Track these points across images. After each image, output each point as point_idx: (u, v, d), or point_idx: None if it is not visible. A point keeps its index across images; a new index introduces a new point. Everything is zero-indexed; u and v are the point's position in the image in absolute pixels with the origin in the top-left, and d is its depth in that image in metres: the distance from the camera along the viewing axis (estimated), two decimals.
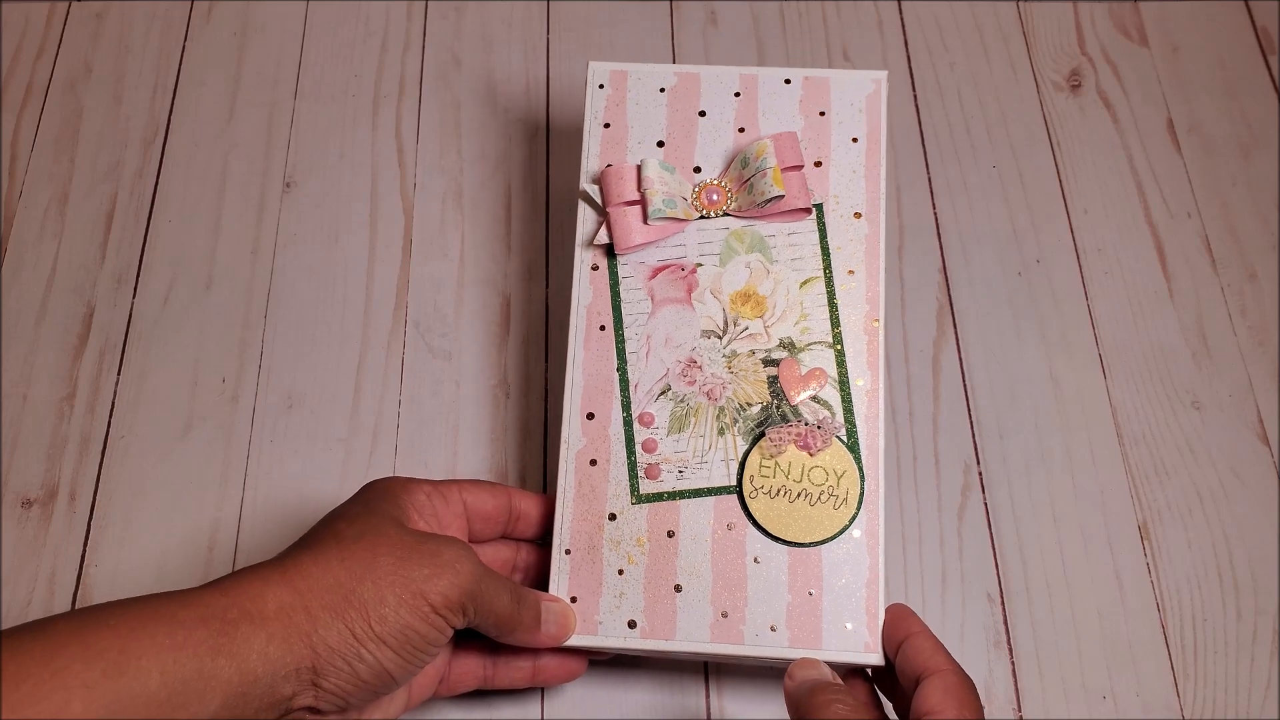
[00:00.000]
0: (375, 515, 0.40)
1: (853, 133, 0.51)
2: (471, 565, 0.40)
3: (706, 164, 0.50)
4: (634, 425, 0.47)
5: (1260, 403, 0.57)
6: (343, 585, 0.37)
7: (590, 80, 0.52)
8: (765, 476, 0.46)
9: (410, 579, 0.38)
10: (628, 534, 0.45)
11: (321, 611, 0.37)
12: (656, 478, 0.46)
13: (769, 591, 0.45)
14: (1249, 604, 0.52)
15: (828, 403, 0.47)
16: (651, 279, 0.49)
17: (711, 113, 0.51)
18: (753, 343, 0.48)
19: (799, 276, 0.49)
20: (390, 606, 0.37)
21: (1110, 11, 0.68)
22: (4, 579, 0.52)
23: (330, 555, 0.38)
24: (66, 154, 0.63)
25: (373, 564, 0.38)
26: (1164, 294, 0.60)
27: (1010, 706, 0.50)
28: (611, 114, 0.51)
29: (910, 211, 0.61)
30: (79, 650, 0.33)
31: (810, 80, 0.51)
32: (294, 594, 0.37)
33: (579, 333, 0.48)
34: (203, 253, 0.60)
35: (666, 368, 0.48)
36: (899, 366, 0.57)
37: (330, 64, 0.65)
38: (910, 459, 0.55)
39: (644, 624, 0.44)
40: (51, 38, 0.67)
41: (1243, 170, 0.63)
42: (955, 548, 0.53)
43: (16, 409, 0.56)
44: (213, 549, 0.53)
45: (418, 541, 0.40)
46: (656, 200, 0.48)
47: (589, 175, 0.50)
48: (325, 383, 0.57)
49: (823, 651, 0.44)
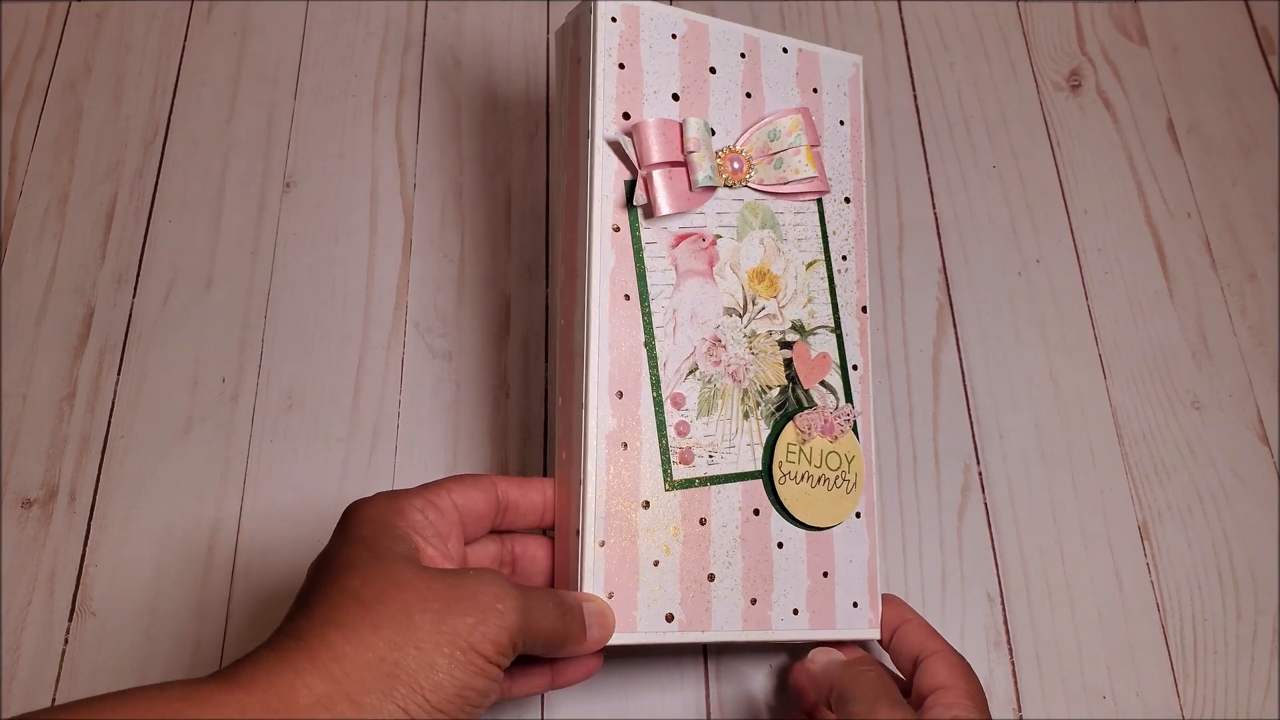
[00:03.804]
0: (385, 560, 0.36)
1: (840, 115, 0.50)
2: (515, 599, 0.36)
3: (720, 126, 0.47)
4: (665, 406, 0.44)
5: (1260, 403, 0.57)
6: (385, 660, 0.33)
7: (600, 14, 0.45)
8: (792, 463, 0.46)
9: (456, 634, 0.34)
10: (662, 523, 0.43)
11: (365, 696, 0.32)
12: (690, 463, 0.44)
13: (791, 575, 0.45)
14: (1249, 604, 0.52)
15: (833, 387, 0.47)
16: (674, 247, 0.45)
17: (721, 71, 0.48)
18: (770, 323, 0.47)
19: (805, 258, 0.48)
20: (443, 672, 0.33)
21: (1110, 11, 0.68)
22: (4, 579, 0.52)
23: (360, 626, 0.33)
24: (66, 154, 0.63)
25: (410, 626, 0.33)
26: (1164, 294, 0.60)
27: (1010, 706, 0.50)
28: (625, 54, 0.46)
29: (910, 211, 0.61)
30: None
31: (804, 54, 0.50)
32: (330, 683, 0.32)
33: (603, 301, 0.43)
34: (203, 253, 0.60)
35: (693, 345, 0.45)
36: (899, 366, 0.57)
37: (330, 64, 0.65)
38: (910, 459, 0.55)
39: (681, 616, 0.43)
40: (51, 38, 0.67)
41: (1243, 170, 0.63)
42: (955, 548, 0.53)
43: (16, 409, 0.56)
44: (213, 549, 0.53)
45: (448, 586, 0.35)
46: (706, 167, 0.44)
47: (607, 119, 0.44)
48: (325, 383, 0.57)
49: (836, 631, 0.45)
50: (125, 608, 0.52)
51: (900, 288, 0.59)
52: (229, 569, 0.53)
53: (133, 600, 0.52)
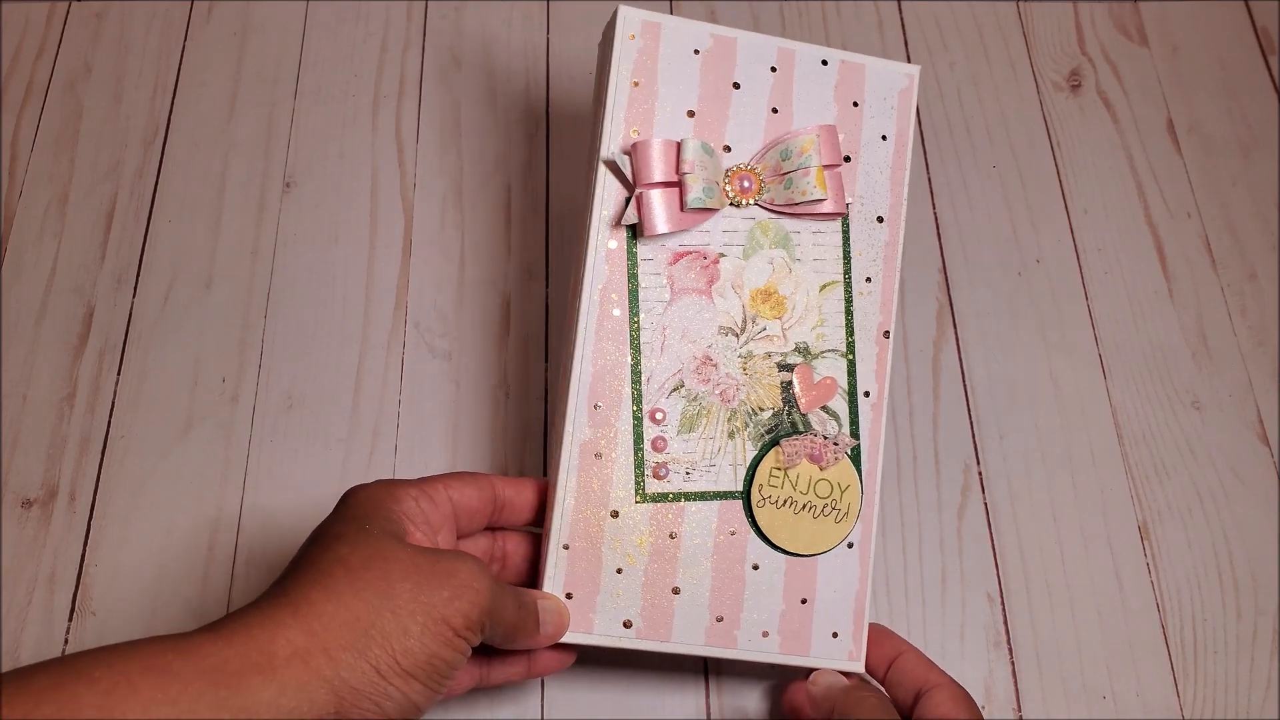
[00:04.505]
0: (375, 535, 0.38)
1: (883, 129, 0.48)
2: (488, 581, 0.38)
3: (737, 144, 0.46)
4: (644, 420, 0.45)
5: (1260, 403, 0.57)
6: (360, 620, 0.35)
7: (620, 29, 0.45)
8: (774, 486, 0.45)
9: (431, 605, 0.36)
10: (629, 533, 0.44)
11: (341, 651, 0.34)
12: (664, 478, 0.44)
13: (764, 598, 0.45)
14: (1249, 604, 0.52)
15: (836, 413, 0.46)
16: (672, 264, 0.45)
17: (745, 86, 0.46)
18: (769, 345, 0.46)
19: (820, 279, 0.47)
20: (415, 637, 0.35)
21: (1110, 11, 0.68)
22: (4, 579, 0.52)
23: (342, 588, 0.35)
24: (66, 154, 0.63)
25: (389, 592, 0.36)
26: (1164, 294, 0.60)
27: (1010, 706, 0.50)
28: (641, 71, 0.45)
29: (910, 211, 0.61)
30: (57, 708, 0.30)
31: (847, 65, 0.48)
32: (308, 636, 0.34)
33: (590, 316, 0.44)
34: (203, 253, 0.60)
35: (681, 363, 0.45)
36: (899, 366, 0.57)
37: (330, 64, 0.65)
38: (910, 459, 0.55)
39: (640, 624, 0.44)
40: (51, 38, 0.67)
41: (1243, 170, 0.63)
42: (955, 548, 0.53)
43: (16, 409, 0.56)
44: (213, 549, 0.53)
45: (430, 562, 0.37)
46: (697, 188, 0.44)
47: (614, 139, 0.45)
48: (325, 383, 0.57)
49: (810, 659, 0.45)
50: (125, 608, 0.52)
51: (900, 288, 0.59)
52: (229, 569, 0.53)
53: (133, 600, 0.52)
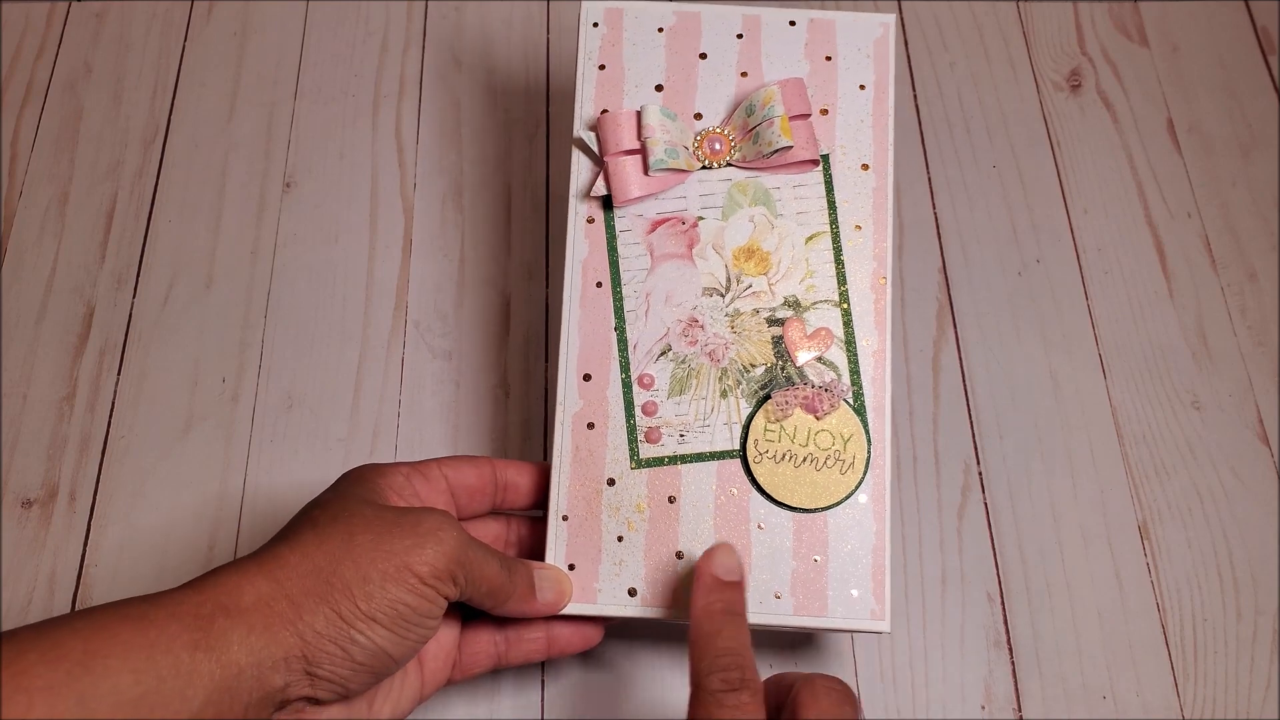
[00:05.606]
0: (349, 499, 0.40)
1: (860, 79, 0.48)
2: (455, 532, 0.39)
3: (708, 110, 0.48)
4: (633, 387, 0.45)
5: (1260, 403, 0.57)
6: (322, 570, 0.36)
7: (584, 19, 0.48)
8: (770, 441, 0.45)
9: (392, 552, 0.37)
10: (627, 499, 0.44)
11: (304, 598, 0.36)
12: (657, 442, 0.45)
13: (773, 558, 0.44)
14: (1249, 604, 0.52)
15: (834, 364, 0.46)
16: (650, 233, 0.47)
17: (713, 55, 0.48)
18: (756, 301, 0.46)
19: (805, 231, 0.47)
20: (375, 583, 0.37)
21: (1110, 11, 0.68)
22: (4, 579, 0.52)
23: (307, 541, 0.37)
24: (66, 154, 0.63)
25: (350, 543, 0.37)
26: (1164, 294, 0.60)
27: (1010, 706, 0.50)
28: (606, 55, 0.48)
29: (910, 211, 0.61)
30: (41, 654, 0.32)
31: (816, 23, 0.49)
32: (273, 584, 0.36)
33: (574, 290, 0.46)
34: (203, 253, 0.60)
35: (667, 327, 0.46)
36: (899, 366, 0.57)
37: (330, 64, 0.65)
38: (910, 459, 0.55)
39: (644, 592, 0.43)
40: (51, 38, 0.67)
41: (1243, 170, 0.63)
42: (955, 548, 0.53)
43: (16, 409, 0.56)
44: (213, 549, 0.53)
45: (396, 515, 0.39)
46: (658, 150, 0.45)
47: (583, 121, 0.47)
48: (325, 383, 0.57)
49: (828, 619, 0.43)
50: None
51: (900, 288, 0.59)
52: None
53: None
